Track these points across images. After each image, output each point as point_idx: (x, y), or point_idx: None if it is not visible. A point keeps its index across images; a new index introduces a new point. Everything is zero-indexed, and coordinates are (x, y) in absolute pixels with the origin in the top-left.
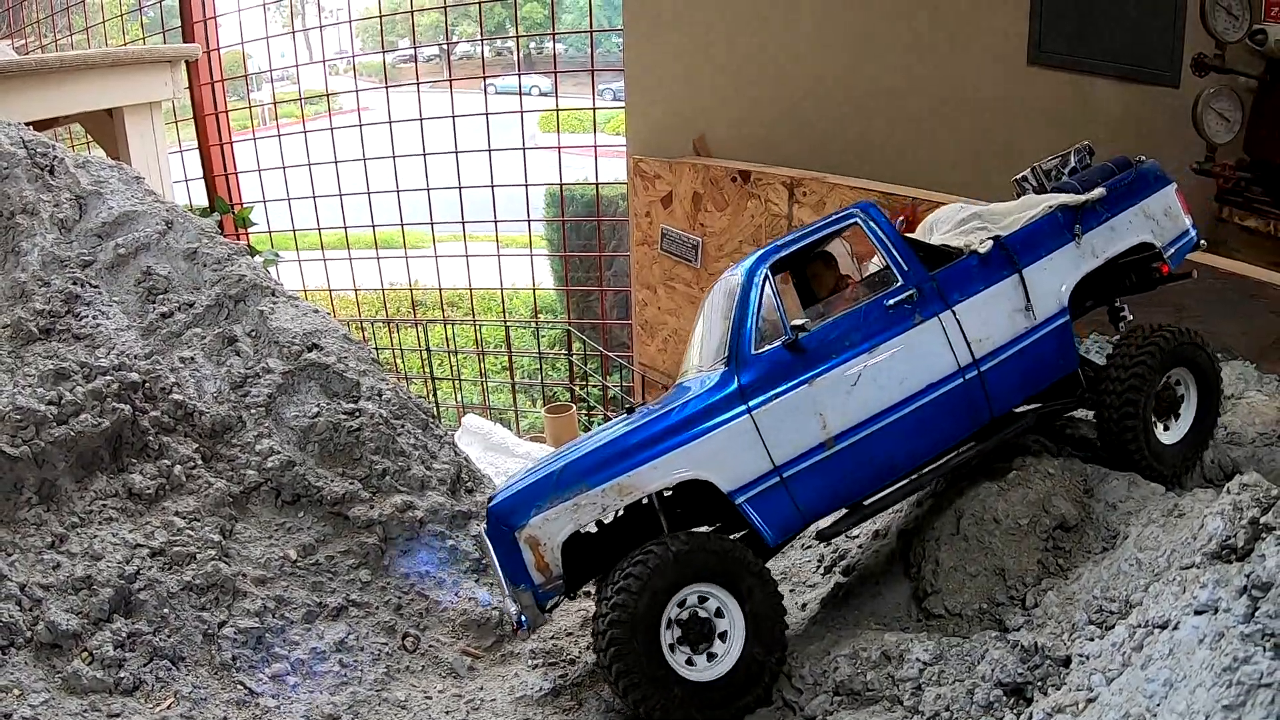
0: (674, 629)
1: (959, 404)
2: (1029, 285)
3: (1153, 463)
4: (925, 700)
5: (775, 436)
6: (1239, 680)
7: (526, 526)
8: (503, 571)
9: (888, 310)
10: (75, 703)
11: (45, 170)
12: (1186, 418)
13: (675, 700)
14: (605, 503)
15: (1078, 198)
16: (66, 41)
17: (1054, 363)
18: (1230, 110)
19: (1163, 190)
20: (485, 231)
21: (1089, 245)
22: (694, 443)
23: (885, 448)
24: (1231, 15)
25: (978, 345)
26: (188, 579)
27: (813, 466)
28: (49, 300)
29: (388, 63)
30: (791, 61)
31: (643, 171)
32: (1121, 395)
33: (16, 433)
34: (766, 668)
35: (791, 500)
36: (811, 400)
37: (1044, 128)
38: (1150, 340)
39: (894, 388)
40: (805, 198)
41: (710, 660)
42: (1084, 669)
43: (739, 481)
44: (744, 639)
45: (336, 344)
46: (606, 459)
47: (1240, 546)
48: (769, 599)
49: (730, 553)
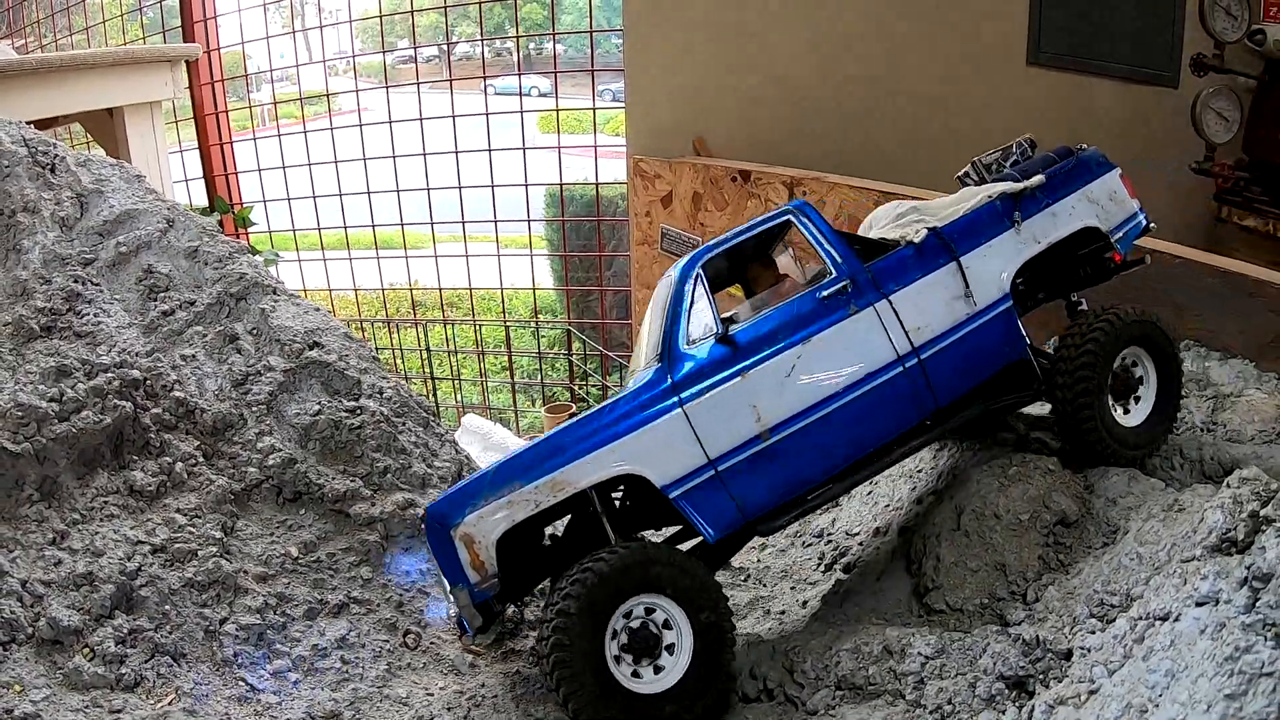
0: (620, 640)
1: (900, 393)
2: (967, 272)
3: (1115, 447)
4: (927, 694)
5: (708, 430)
6: (1240, 670)
7: (461, 524)
8: (442, 572)
9: (821, 302)
10: (76, 699)
11: (46, 168)
12: (1147, 399)
13: (618, 713)
14: (539, 499)
15: (1016, 185)
16: (67, 41)
17: (999, 350)
18: (1229, 110)
19: (1106, 176)
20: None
21: (1030, 232)
22: (626, 437)
23: (825, 439)
24: (1230, 15)
25: (916, 334)
26: (189, 576)
27: (749, 460)
28: (50, 298)
29: (387, 63)
30: (792, 62)
31: (643, 171)
32: (1073, 378)
33: (18, 429)
34: (715, 680)
35: (729, 495)
36: (745, 393)
37: (1044, 128)
38: (1098, 322)
39: (830, 378)
40: (805, 197)
41: (657, 673)
42: (1085, 661)
43: (673, 475)
44: (692, 651)
45: (338, 342)
46: (540, 456)
47: (1240, 539)
48: (717, 610)
49: (678, 563)
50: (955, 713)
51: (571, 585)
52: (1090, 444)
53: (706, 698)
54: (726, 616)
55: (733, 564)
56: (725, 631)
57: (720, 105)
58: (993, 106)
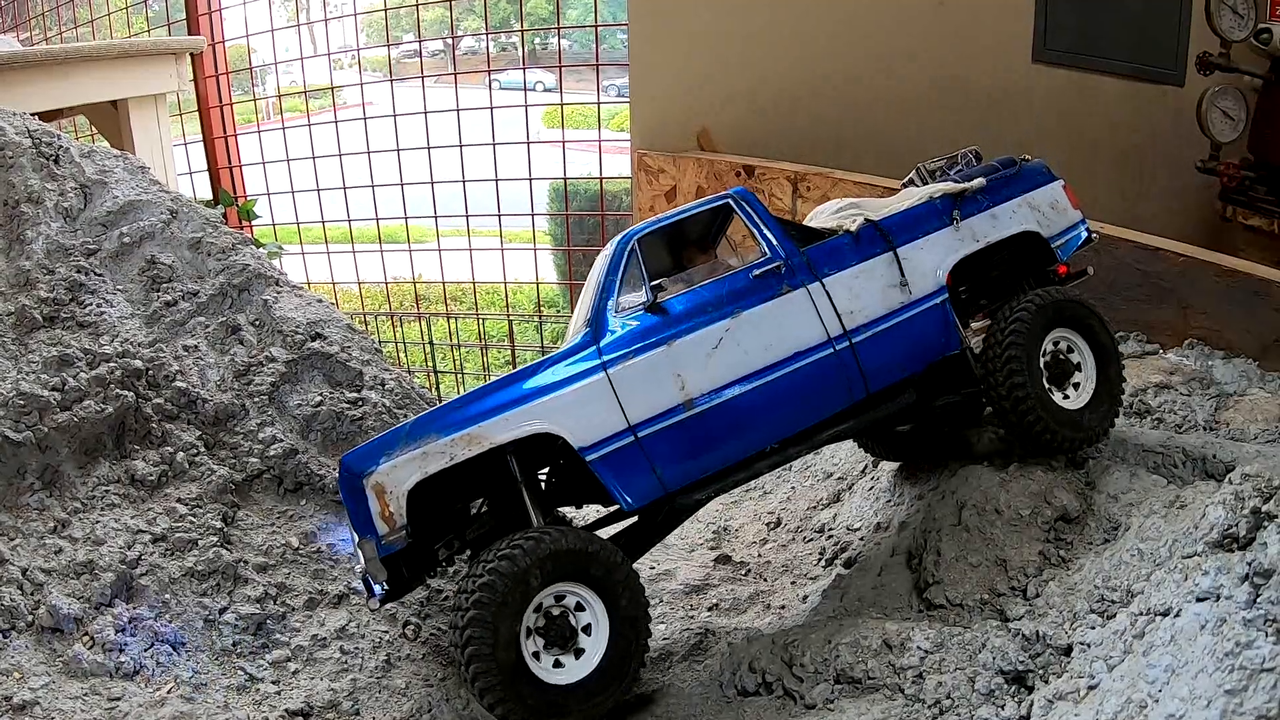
0: (535, 629)
1: (829, 374)
2: (904, 262)
3: (1062, 431)
4: (926, 688)
5: (630, 395)
6: (1241, 665)
7: (374, 473)
8: (351, 523)
9: (753, 279)
10: (76, 686)
11: (50, 159)
12: (1087, 380)
13: (534, 703)
14: (454, 452)
15: (956, 186)
16: (71, 34)
17: (933, 342)
18: (1235, 109)
19: (1048, 185)
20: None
21: (968, 230)
22: (546, 397)
23: (750, 414)
24: (1237, 14)
25: (848, 317)
26: (189, 565)
27: (671, 428)
28: (53, 288)
29: (392, 57)
30: (796, 57)
31: (647, 166)
32: (1002, 361)
33: (20, 418)
34: (633, 657)
35: (649, 463)
36: (670, 361)
37: (1048, 125)
38: (1020, 306)
39: (758, 353)
40: (809, 192)
41: (579, 657)
42: (1085, 656)
43: (591, 438)
44: (609, 631)
45: (340, 334)
46: (460, 411)
47: (1242, 535)
48: (629, 588)
49: (583, 547)
50: (954, 707)
51: (485, 573)
52: (1036, 432)
53: (620, 686)
54: (643, 606)
55: (733, 559)
56: (640, 621)
57: (725, 100)
58: (998, 103)
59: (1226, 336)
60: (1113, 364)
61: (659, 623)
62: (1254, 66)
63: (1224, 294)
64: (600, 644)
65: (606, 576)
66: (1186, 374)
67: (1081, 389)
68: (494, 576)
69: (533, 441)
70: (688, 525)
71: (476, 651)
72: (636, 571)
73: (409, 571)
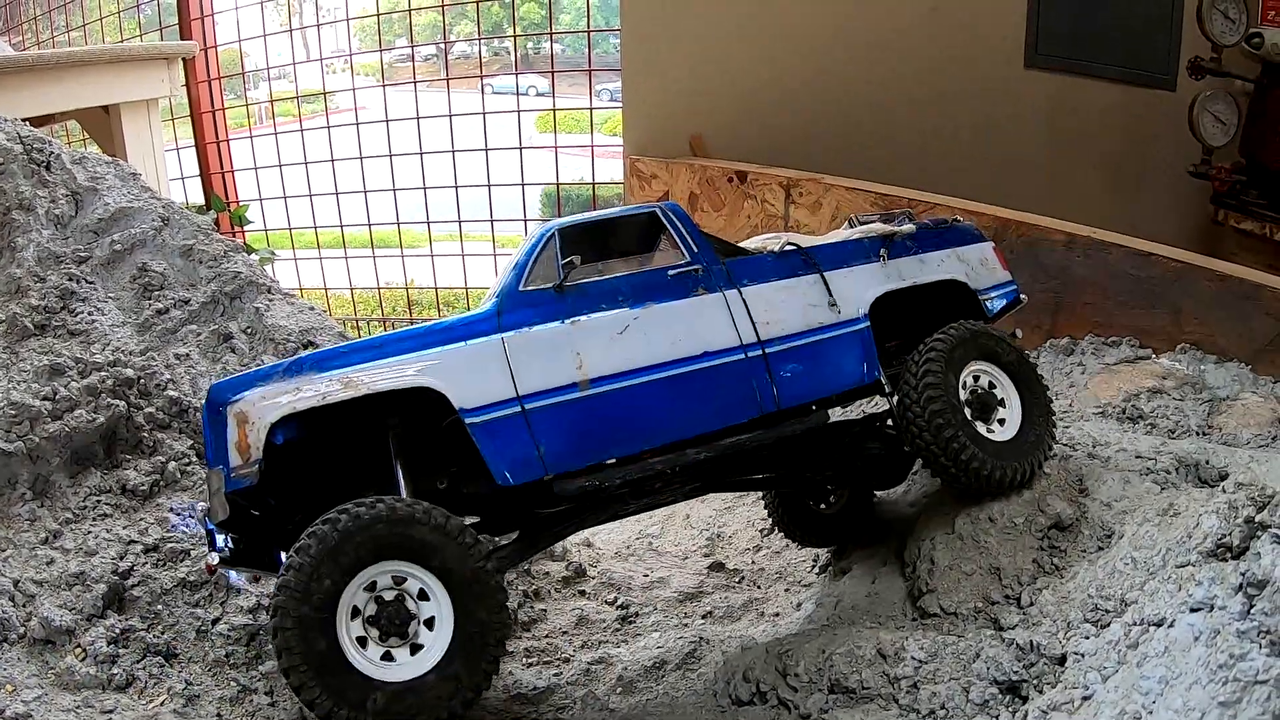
0: (362, 616)
1: (737, 379)
2: (829, 284)
3: (997, 464)
4: (921, 698)
5: (523, 365)
6: (1235, 677)
7: (240, 402)
8: (208, 452)
9: (670, 278)
10: (68, 699)
11: (41, 166)
12: (1012, 411)
13: (359, 704)
14: (327, 391)
15: (886, 228)
16: (63, 38)
17: (851, 367)
18: (1226, 113)
19: (979, 244)
20: (481, 231)
21: (895, 267)
22: (434, 350)
23: (648, 404)
24: (1228, 18)
25: (764, 327)
26: (181, 576)
27: (561, 405)
28: (44, 296)
29: (385, 62)
30: (789, 63)
31: (639, 171)
32: (921, 399)
33: (11, 428)
34: (477, 667)
35: (531, 436)
36: (569, 338)
37: (1041, 130)
38: (930, 345)
39: (664, 345)
40: (802, 198)
41: (414, 653)
42: (1080, 667)
43: (473, 401)
44: (453, 629)
45: (331, 341)
46: (344, 356)
47: (1236, 545)
48: (480, 584)
49: (422, 520)
50: (949, 717)
51: (299, 548)
52: (972, 468)
53: (457, 699)
54: (498, 611)
55: (727, 566)
56: (491, 628)
57: (717, 106)
58: (991, 109)
59: (1219, 341)
60: (1034, 390)
61: (653, 630)
62: (1245, 71)
63: (1216, 298)
64: (442, 642)
65: (452, 564)
66: (1179, 379)
67: (1008, 419)
68: (307, 547)
69: (415, 411)
70: (681, 532)
71: (283, 642)
72: (499, 574)
73: (260, 538)
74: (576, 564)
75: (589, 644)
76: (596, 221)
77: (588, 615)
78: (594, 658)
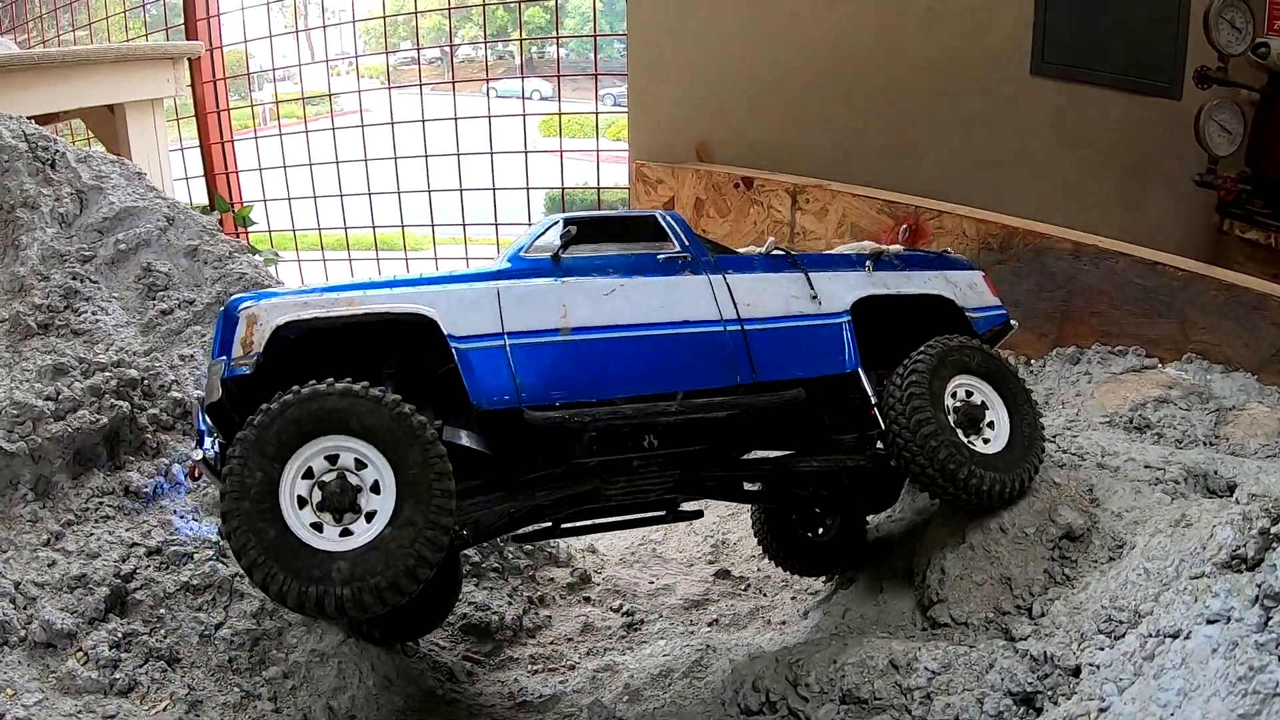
0: (311, 494)
1: (713, 346)
2: (813, 281)
3: (992, 476)
4: (934, 709)
5: (513, 309)
6: (1254, 690)
7: (254, 306)
8: (215, 348)
9: (660, 260)
10: (70, 703)
11: (46, 164)
12: (1000, 423)
13: (334, 579)
14: (332, 310)
15: (875, 246)
16: (69, 37)
17: (831, 354)
18: (1232, 123)
19: (969, 271)
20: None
21: (881, 277)
22: (434, 287)
23: (623, 355)
24: (1235, 28)
25: (745, 308)
26: (185, 579)
27: (542, 345)
28: (48, 295)
29: (390, 64)
30: (795, 69)
31: (645, 176)
32: (909, 414)
33: (13, 428)
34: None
35: (509, 366)
36: (558, 293)
37: (1046, 138)
38: (914, 361)
39: (646, 310)
40: (808, 205)
41: (370, 520)
42: (1095, 678)
43: (461, 330)
44: (394, 475)
45: None
46: (354, 285)
47: (1250, 556)
48: (394, 418)
49: (327, 391)
50: None
51: (230, 454)
52: (969, 484)
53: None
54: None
55: (733, 573)
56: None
57: (723, 111)
58: (996, 116)
59: (1225, 350)
60: (1020, 400)
61: (659, 638)
62: (1251, 80)
63: (1222, 308)
64: (389, 498)
65: (371, 421)
66: (1185, 388)
67: (997, 429)
68: (234, 450)
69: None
70: (685, 539)
71: (236, 542)
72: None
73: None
74: (581, 570)
75: (594, 651)
76: (601, 216)
77: (593, 622)
78: (600, 665)
